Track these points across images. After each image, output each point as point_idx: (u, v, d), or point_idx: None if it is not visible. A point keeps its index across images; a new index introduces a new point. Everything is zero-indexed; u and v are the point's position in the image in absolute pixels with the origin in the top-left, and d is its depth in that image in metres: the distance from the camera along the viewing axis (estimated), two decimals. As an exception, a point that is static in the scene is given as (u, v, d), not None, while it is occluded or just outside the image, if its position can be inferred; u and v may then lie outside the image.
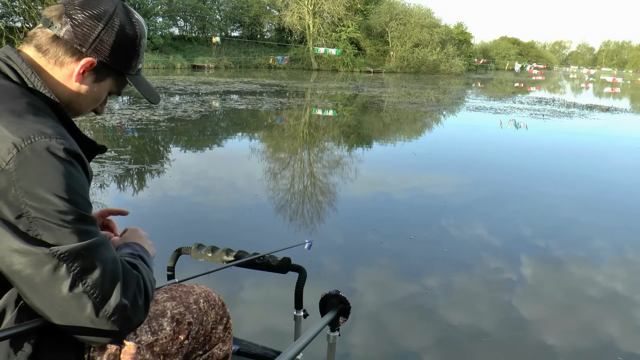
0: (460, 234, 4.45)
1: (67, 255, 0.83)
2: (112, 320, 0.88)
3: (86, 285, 0.85)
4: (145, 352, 1.08)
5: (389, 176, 6.69)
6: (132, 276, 0.95)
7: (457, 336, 2.78)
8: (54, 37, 0.97)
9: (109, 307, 0.87)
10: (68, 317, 0.86)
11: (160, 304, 1.19)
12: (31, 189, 0.81)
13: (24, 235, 0.81)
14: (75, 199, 0.85)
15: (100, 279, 0.86)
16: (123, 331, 0.91)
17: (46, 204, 0.82)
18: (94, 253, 0.87)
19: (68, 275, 0.83)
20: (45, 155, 0.83)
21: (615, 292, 3.45)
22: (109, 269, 0.89)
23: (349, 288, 3.25)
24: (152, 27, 34.71)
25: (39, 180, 0.82)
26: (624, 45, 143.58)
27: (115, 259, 0.91)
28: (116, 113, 10.97)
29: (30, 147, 0.82)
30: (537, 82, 37.20)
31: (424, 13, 48.02)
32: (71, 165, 0.86)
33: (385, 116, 13.78)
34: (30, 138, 0.83)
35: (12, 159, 0.81)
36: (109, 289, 0.88)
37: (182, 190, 5.54)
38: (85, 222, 0.87)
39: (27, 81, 0.94)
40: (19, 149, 0.82)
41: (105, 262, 0.88)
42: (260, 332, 2.66)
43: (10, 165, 0.81)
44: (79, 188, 0.87)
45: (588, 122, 13.49)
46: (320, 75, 33.86)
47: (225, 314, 1.37)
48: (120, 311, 0.89)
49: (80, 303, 0.85)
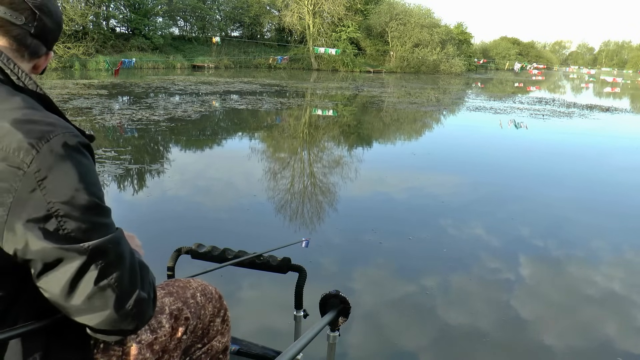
0: (459, 234, 4.45)
1: (95, 250, 0.84)
2: (133, 313, 0.89)
3: (111, 278, 0.86)
4: (145, 351, 1.09)
5: (388, 176, 6.69)
6: (146, 270, 0.97)
7: (455, 336, 2.78)
8: (28, 33, 0.96)
9: (131, 300, 0.88)
10: (91, 311, 0.86)
11: (159, 300, 1.19)
12: (56, 188, 0.82)
13: (55, 235, 0.81)
14: (95, 192, 0.87)
15: (122, 272, 0.88)
16: (139, 325, 0.92)
17: (72, 201, 0.82)
18: (117, 246, 0.88)
19: (96, 269, 0.84)
20: (63, 152, 0.83)
21: (614, 292, 3.45)
22: (129, 262, 0.90)
23: (348, 288, 3.26)
24: (152, 27, 34.71)
25: (62, 178, 0.82)
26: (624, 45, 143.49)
27: (132, 252, 0.93)
28: (116, 113, 10.97)
29: (48, 146, 0.82)
30: (537, 82, 37.19)
31: (424, 13, 47.97)
32: (86, 158, 0.88)
33: (385, 116, 13.78)
34: (45, 137, 0.83)
35: (33, 160, 0.81)
36: (130, 282, 0.89)
37: (182, 190, 5.54)
38: (106, 215, 0.89)
39: (10, 74, 0.92)
40: (38, 149, 0.81)
41: (126, 255, 0.90)
42: (260, 332, 2.66)
43: (32, 167, 0.80)
44: (95, 179, 0.88)
45: (588, 122, 13.49)
46: (320, 75, 33.85)
47: (222, 306, 1.38)
48: (140, 304, 0.90)
49: (104, 296, 0.85)
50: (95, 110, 11.05)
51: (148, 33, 33.98)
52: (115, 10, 34.27)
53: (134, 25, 33.48)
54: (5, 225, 0.80)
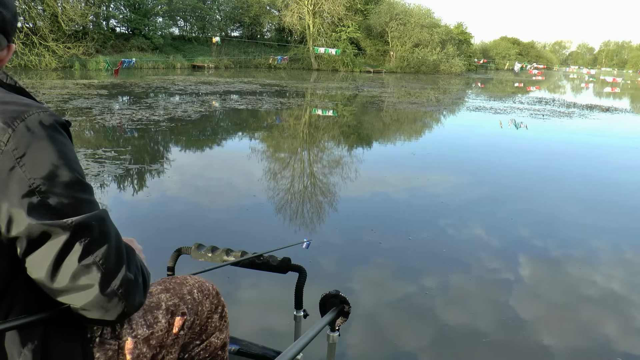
0: (458, 234, 4.45)
1: (80, 226, 0.84)
2: (120, 293, 0.88)
3: (96, 256, 0.85)
4: (142, 346, 1.09)
5: (388, 176, 6.69)
6: (133, 253, 0.96)
7: (455, 336, 2.78)
8: None
9: (116, 280, 0.88)
10: (76, 290, 0.85)
11: (155, 296, 1.19)
12: (35, 164, 0.82)
13: (38, 210, 0.81)
14: (77, 169, 0.87)
15: (108, 251, 0.87)
16: (128, 308, 0.91)
17: (53, 177, 0.83)
18: (101, 224, 0.88)
19: (80, 245, 0.84)
20: (39, 130, 0.84)
21: (614, 293, 3.45)
22: (115, 241, 0.90)
23: (348, 288, 3.26)
24: (152, 27, 34.71)
25: (41, 154, 0.83)
26: (624, 45, 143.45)
27: (117, 233, 0.93)
28: (116, 113, 10.98)
29: (24, 125, 0.83)
30: (537, 82, 37.18)
31: (424, 13, 47.98)
32: (63, 136, 0.88)
33: (385, 116, 13.79)
34: (20, 116, 0.83)
35: (10, 139, 0.81)
36: (116, 261, 0.89)
37: (182, 190, 5.54)
38: (89, 192, 0.89)
39: None
40: (14, 127, 0.82)
41: (111, 234, 0.89)
42: (260, 332, 2.66)
43: (10, 145, 0.81)
44: (74, 157, 0.88)
45: (588, 122, 13.49)
46: (320, 75, 33.85)
47: (220, 302, 1.38)
48: (126, 284, 0.89)
49: (89, 274, 0.85)
50: (95, 110, 11.05)
51: (148, 33, 33.98)
52: (115, 10, 34.28)
53: (134, 25, 33.49)
54: None
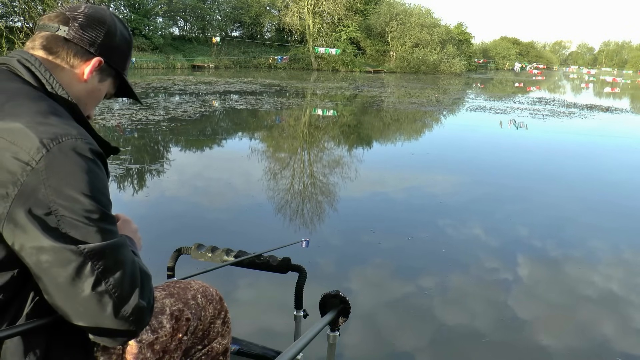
0: (457, 234, 4.45)
1: (93, 254, 0.84)
2: (131, 320, 0.89)
3: (109, 284, 0.86)
4: (146, 351, 1.10)
5: (387, 176, 6.70)
6: (147, 278, 0.97)
7: (454, 336, 2.79)
8: (64, 39, 1.02)
9: (128, 307, 0.88)
10: (88, 315, 0.86)
11: (160, 301, 1.20)
12: (60, 187, 0.83)
13: (53, 232, 0.82)
14: (100, 198, 0.88)
15: (121, 279, 0.88)
16: (137, 331, 0.92)
17: (74, 203, 0.84)
18: (117, 253, 0.88)
19: (92, 274, 0.84)
20: (72, 155, 0.85)
21: (613, 293, 3.46)
22: (129, 269, 0.90)
23: (347, 288, 3.26)
24: (152, 27, 34.72)
25: (68, 179, 0.84)
26: (624, 45, 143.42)
27: (134, 261, 0.93)
28: (116, 113, 10.98)
29: (58, 147, 0.85)
30: (537, 82, 37.18)
31: (424, 13, 48.02)
32: (95, 165, 0.89)
33: (385, 116, 13.79)
34: (57, 139, 0.85)
35: (42, 158, 0.83)
36: (129, 289, 0.89)
37: (181, 190, 5.54)
38: (109, 222, 0.89)
39: (45, 83, 0.98)
40: (48, 148, 0.84)
41: (126, 262, 0.90)
42: (260, 332, 2.66)
43: (40, 164, 0.83)
44: (102, 187, 0.90)
45: (588, 122, 13.49)
46: (320, 75, 33.85)
47: (223, 308, 1.39)
48: (138, 312, 0.90)
49: (101, 302, 0.85)
50: (95, 110, 11.03)
51: (148, 33, 34.00)
52: (115, 10, 34.26)
53: (134, 25, 33.48)
54: (7, 216, 0.82)
